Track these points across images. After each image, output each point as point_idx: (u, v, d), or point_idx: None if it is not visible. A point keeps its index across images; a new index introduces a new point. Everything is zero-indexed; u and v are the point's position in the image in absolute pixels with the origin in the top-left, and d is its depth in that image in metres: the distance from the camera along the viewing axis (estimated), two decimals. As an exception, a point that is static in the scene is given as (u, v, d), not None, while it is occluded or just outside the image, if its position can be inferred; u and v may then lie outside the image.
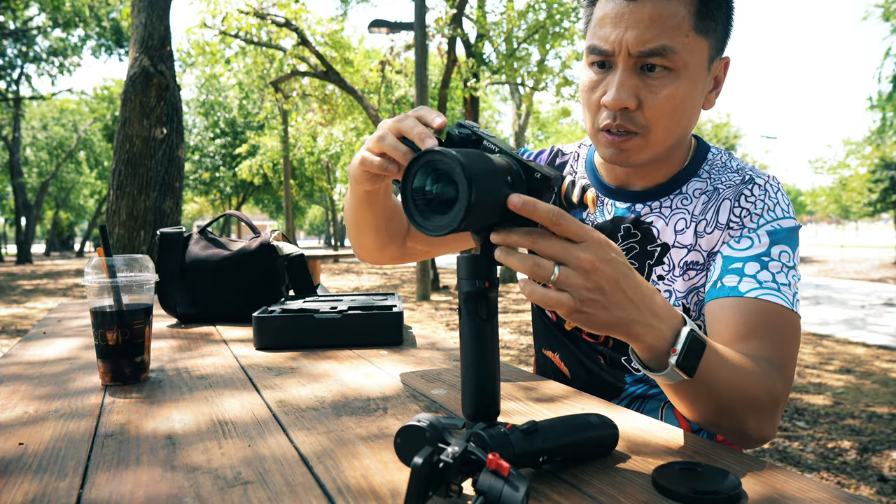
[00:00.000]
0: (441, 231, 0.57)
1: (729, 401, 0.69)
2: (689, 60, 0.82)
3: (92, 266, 0.86)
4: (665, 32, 0.79)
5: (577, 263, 0.57)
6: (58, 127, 26.66)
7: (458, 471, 0.46)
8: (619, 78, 0.82)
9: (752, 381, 0.71)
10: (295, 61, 10.48)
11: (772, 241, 0.84)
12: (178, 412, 0.75)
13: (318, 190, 26.04)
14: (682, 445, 0.62)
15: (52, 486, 0.54)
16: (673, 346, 0.62)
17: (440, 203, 0.56)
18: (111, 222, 4.80)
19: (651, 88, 0.82)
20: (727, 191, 0.90)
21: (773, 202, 0.88)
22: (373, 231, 0.94)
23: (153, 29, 5.01)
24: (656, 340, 0.62)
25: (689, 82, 0.83)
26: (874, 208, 20.12)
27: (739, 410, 0.71)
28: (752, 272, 0.82)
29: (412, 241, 1.04)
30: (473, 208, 0.54)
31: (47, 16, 16.88)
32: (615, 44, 0.82)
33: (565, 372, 1.05)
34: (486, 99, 20.70)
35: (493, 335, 0.64)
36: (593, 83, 0.87)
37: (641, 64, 0.82)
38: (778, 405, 0.75)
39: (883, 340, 5.04)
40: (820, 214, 59.19)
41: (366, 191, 0.85)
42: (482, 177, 0.55)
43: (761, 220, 0.87)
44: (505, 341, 5.07)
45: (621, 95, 0.81)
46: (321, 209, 46.85)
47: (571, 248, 0.57)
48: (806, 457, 2.54)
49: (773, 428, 0.76)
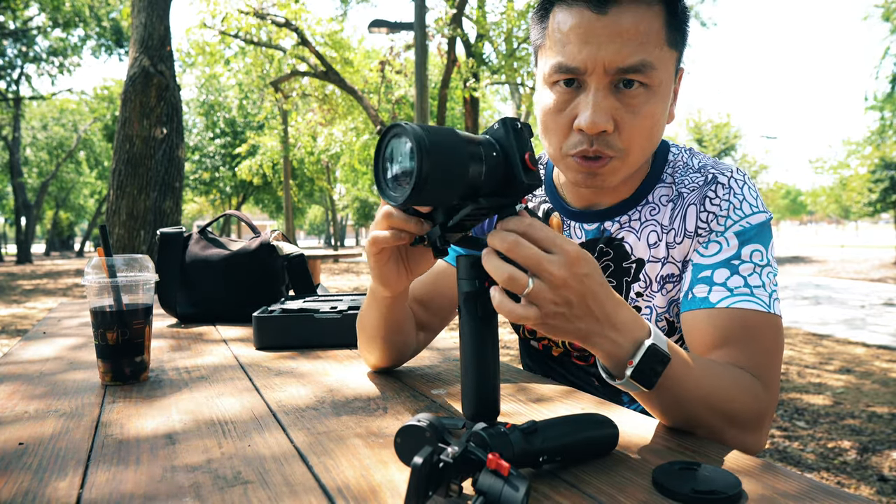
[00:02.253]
0: (398, 201, 0.57)
1: (700, 413, 0.67)
2: (663, 76, 0.78)
3: (92, 266, 0.86)
4: (643, 46, 0.74)
5: (549, 278, 0.57)
6: (58, 127, 26.65)
7: (458, 471, 0.46)
8: (593, 99, 0.76)
9: (727, 395, 0.69)
10: (295, 61, 10.48)
11: (741, 242, 0.80)
12: (178, 412, 0.75)
13: (318, 190, 26.03)
14: (682, 445, 0.62)
15: (52, 485, 0.54)
16: (630, 359, 0.62)
17: (404, 174, 0.58)
18: (111, 222, 4.80)
19: (629, 108, 0.77)
20: (691, 195, 0.86)
21: (739, 199, 0.83)
22: (385, 342, 0.88)
23: (153, 29, 5.01)
24: (614, 351, 0.62)
25: (662, 98, 0.79)
26: (874, 208, 20.12)
27: (714, 423, 0.68)
28: (721, 280, 0.78)
29: (422, 334, 0.97)
30: (426, 179, 0.54)
31: (47, 16, 16.88)
32: (588, 61, 0.75)
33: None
34: (486, 99, 20.69)
35: (492, 335, 0.64)
36: (559, 104, 0.79)
37: (618, 81, 0.76)
38: (762, 418, 0.72)
39: (883, 340, 5.04)
40: (820, 214, 59.25)
41: (389, 298, 0.79)
42: (437, 148, 0.55)
43: (728, 222, 0.82)
44: (505, 341, 5.07)
45: (598, 119, 0.75)
46: (321, 209, 46.85)
47: (546, 260, 0.56)
48: (806, 457, 2.54)
49: (759, 440, 0.72)
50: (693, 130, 25.58)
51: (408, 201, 0.56)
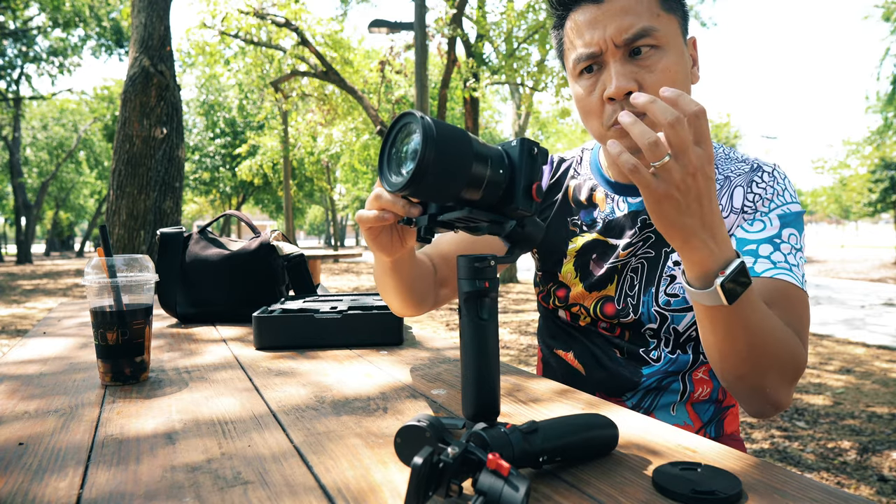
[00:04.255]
0: (394, 187, 0.58)
1: (758, 348, 0.72)
2: (669, 35, 0.87)
3: (92, 266, 0.86)
4: (640, 17, 0.85)
5: (685, 163, 0.61)
6: (58, 127, 26.65)
7: (458, 471, 0.46)
8: (613, 69, 0.86)
9: (782, 338, 0.75)
10: (295, 61, 10.47)
11: (782, 224, 0.89)
12: (177, 412, 0.75)
13: (318, 190, 26.03)
14: (682, 445, 0.62)
15: (52, 485, 0.54)
16: (722, 269, 0.67)
17: (406, 161, 0.58)
18: (111, 222, 4.80)
19: (646, 69, 0.86)
20: (738, 178, 0.95)
21: (782, 188, 0.93)
22: (398, 296, 0.94)
23: (153, 29, 5.01)
24: (707, 258, 0.67)
25: (676, 54, 0.87)
26: (874, 208, 20.11)
27: (764, 363, 0.74)
28: (765, 253, 0.86)
29: (444, 290, 1.03)
30: (426, 170, 0.54)
31: (47, 16, 16.87)
32: (600, 42, 0.86)
33: (580, 369, 1.05)
34: (486, 99, 20.70)
35: (493, 335, 0.64)
36: (588, 88, 0.90)
37: (629, 50, 0.86)
38: (798, 373, 0.78)
39: (883, 340, 5.04)
40: (820, 214, 59.20)
41: (391, 261, 0.84)
42: (443, 141, 0.55)
43: (772, 205, 0.91)
44: (505, 341, 5.07)
45: (622, 82, 0.85)
46: (321, 209, 46.85)
47: (692, 147, 0.61)
48: (806, 457, 2.54)
49: (789, 396, 0.79)
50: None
51: (403, 189, 0.56)
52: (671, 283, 0.96)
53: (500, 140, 28.17)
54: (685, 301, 0.95)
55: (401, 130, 0.59)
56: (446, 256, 1.02)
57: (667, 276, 0.96)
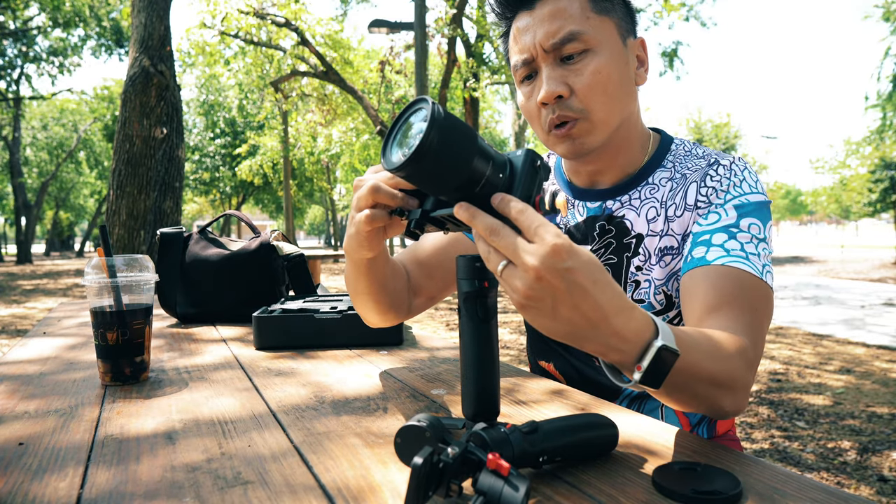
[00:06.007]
0: (393, 164, 0.56)
1: (705, 389, 0.67)
2: (601, 37, 0.86)
3: (92, 266, 0.86)
4: (568, 21, 0.85)
5: (522, 268, 0.53)
6: (58, 127, 26.66)
7: (458, 471, 0.46)
8: (545, 74, 0.87)
9: (727, 363, 0.69)
10: (294, 61, 10.47)
11: (740, 214, 0.85)
12: (177, 412, 0.75)
13: (318, 190, 26.03)
14: (682, 445, 0.62)
15: (52, 485, 0.54)
16: (638, 363, 0.58)
17: (410, 140, 0.57)
18: (111, 222, 4.80)
19: (576, 72, 0.86)
20: (693, 175, 0.92)
21: (739, 179, 0.89)
22: (371, 298, 0.89)
23: (153, 29, 5.01)
24: (616, 355, 0.58)
25: (608, 57, 0.87)
26: (874, 208, 20.10)
27: (716, 394, 0.68)
28: (719, 242, 0.83)
29: (418, 299, 0.99)
30: (428, 149, 0.53)
31: (47, 16, 16.87)
32: (530, 48, 0.88)
33: (561, 381, 1.04)
34: (485, 99, 20.69)
35: (492, 335, 0.64)
36: (528, 94, 0.91)
37: (560, 56, 0.87)
38: (750, 377, 0.73)
39: (883, 340, 5.04)
40: (820, 214, 59.23)
41: (368, 259, 0.80)
42: (449, 125, 0.54)
43: (727, 196, 0.87)
44: (505, 341, 5.07)
45: (551, 86, 0.86)
46: (321, 209, 46.85)
47: (521, 249, 0.53)
48: (806, 457, 2.54)
49: (746, 399, 0.74)
50: (693, 130, 25.57)
51: (402, 168, 0.55)
52: (637, 289, 0.93)
53: (499, 140, 28.17)
54: (651, 307, 0.92)
55: (413, 113, 0.59)
56: (422, 263, 0.98)
57: (631, 283, 0.94)
